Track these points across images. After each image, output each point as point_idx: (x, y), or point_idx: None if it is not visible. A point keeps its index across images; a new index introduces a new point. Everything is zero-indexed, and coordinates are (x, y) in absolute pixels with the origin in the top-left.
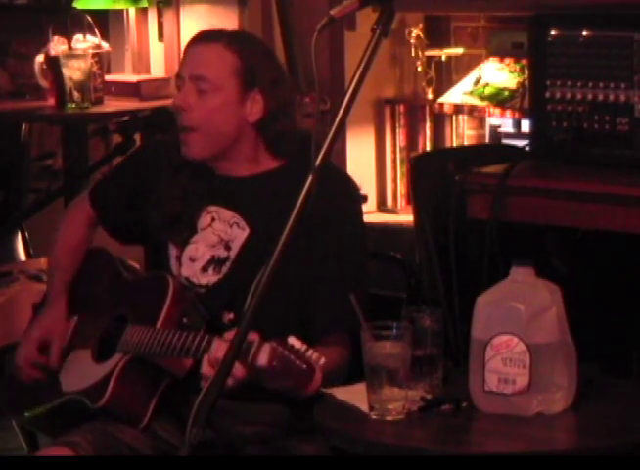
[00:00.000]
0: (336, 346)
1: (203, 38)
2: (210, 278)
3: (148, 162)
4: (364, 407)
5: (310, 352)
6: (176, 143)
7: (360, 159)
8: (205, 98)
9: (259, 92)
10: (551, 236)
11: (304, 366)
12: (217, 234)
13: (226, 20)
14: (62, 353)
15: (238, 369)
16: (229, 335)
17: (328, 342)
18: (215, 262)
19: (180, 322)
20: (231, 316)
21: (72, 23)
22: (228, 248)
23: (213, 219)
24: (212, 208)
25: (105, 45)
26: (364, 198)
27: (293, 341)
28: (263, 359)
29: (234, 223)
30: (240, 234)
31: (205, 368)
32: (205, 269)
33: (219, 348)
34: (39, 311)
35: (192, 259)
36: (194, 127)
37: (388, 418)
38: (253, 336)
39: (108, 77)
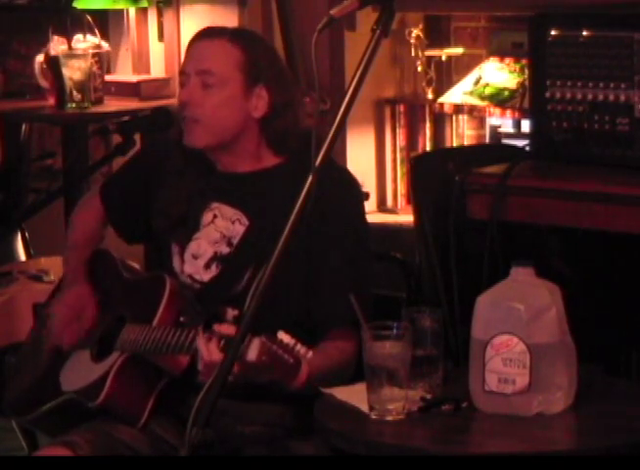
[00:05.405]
0: (337, 342)
1: (206, 34)
2: (213, 275)
3: (153, 162)
4: (364, 407)
5: (299, 346)
6: (178, 143)
7: (360, 159)
8: (210, 92)
9: (264, 87)
10: (551, 236)
11: (292, 360)
12: (219, 231)
13: (226, 19)
14: (95, 319)
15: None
16: (219, 327)
17: (329, 338)
18: (218, 259)
19: (177, 321)
20: (236, 313)
21: (72, 22)
22: (230, 244)
23: (215, 216)
24: (215, 204)
25: (105, 45)
26: (366, 195)
27: (282, 336)
28: (253, 354)
29: (236, 220)
30: (242, 230)
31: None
32: (207, 266)
33: (206, 349)
34: (60, 290)
35: (194, 257)
36: (198, 119)
37: (388, 418)
38: None
39: (108, 77)
